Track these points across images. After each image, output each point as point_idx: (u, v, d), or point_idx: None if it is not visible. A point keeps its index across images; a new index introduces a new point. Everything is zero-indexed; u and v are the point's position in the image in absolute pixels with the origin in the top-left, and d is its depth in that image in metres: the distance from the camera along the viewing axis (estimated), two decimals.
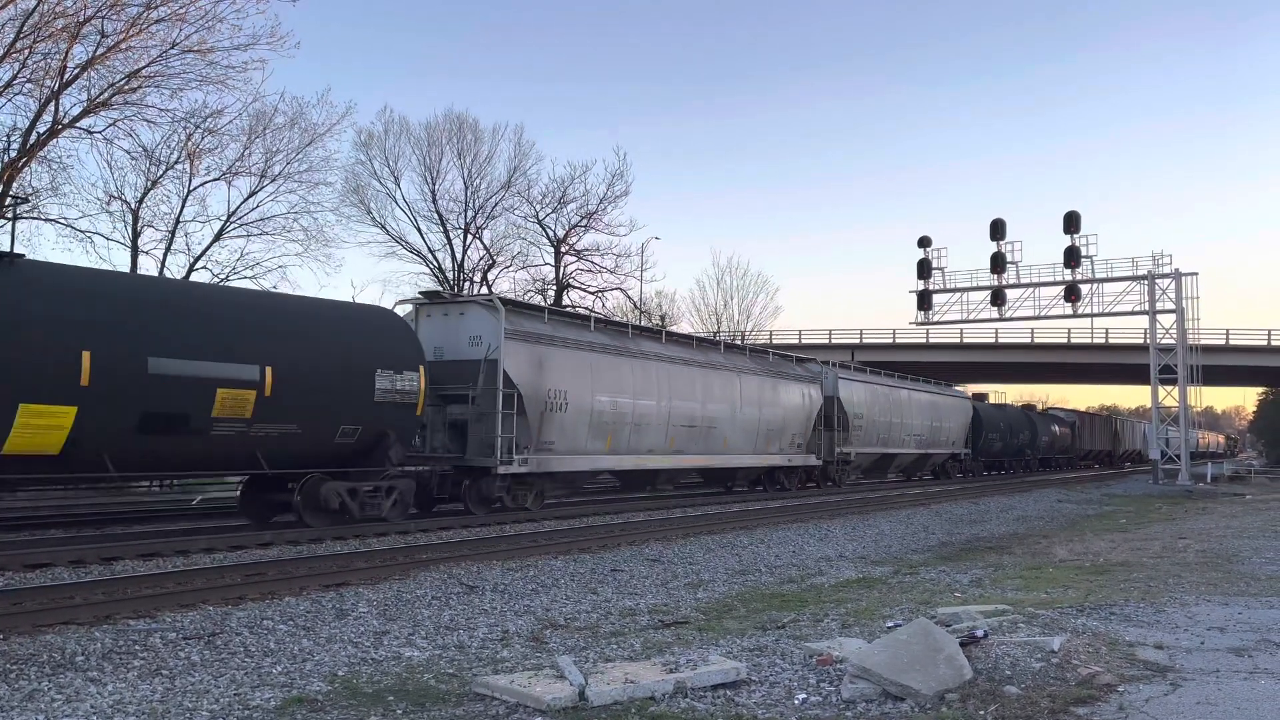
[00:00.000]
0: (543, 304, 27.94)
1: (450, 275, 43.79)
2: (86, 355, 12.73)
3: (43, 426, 12.44)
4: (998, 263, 45.41)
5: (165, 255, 32.30)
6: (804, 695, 6.30)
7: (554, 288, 45.04)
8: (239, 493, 17.76)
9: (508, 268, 45.20)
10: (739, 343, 30.58)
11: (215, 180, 33.40)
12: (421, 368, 17.27)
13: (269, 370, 14.72)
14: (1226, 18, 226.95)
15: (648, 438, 23.25)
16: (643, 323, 45.37)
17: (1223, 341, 61.88)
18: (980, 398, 52.47)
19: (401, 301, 21.28)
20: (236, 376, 14.33)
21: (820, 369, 32.75)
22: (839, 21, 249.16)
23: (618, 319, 28.76)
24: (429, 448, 19.35)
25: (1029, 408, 61.58)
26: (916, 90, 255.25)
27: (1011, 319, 48.27)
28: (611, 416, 22.08)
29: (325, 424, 15.78)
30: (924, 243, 47.23)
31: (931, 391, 43.17)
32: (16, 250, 14.21)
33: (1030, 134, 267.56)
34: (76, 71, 26.42)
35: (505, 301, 20.44)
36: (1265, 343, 64.13)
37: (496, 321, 19.30)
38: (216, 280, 32.54)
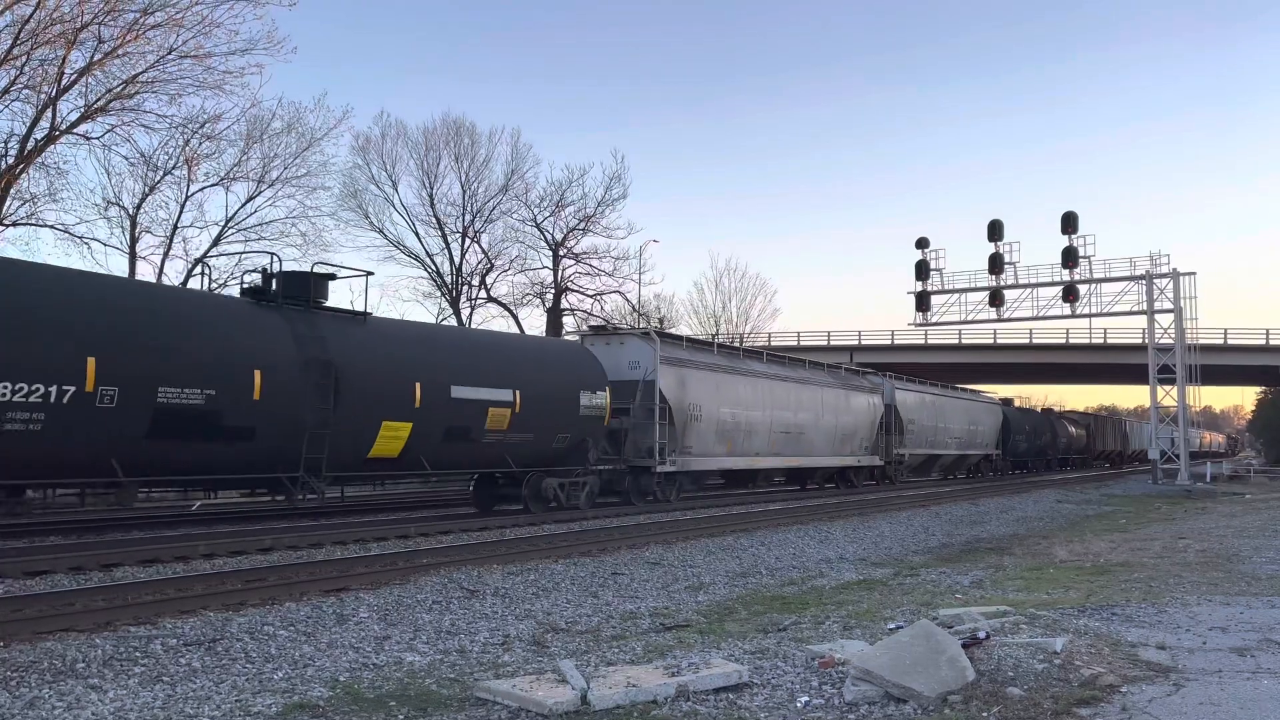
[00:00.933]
0: (681, 334, 32.32)
1: (448, 279, 43.78)
2: (418, 385, 17.63)
3: (392, 437, 17.34)
4: (996, 263, 45.42)
5: (163, 261, 32.31)
6: (806, 698, 6.29)
7: (552, 291, 45.02)
8: (472, 488, 22.35)
9: (506, 271, 45.24)
10: (819, 361, 34.90)
11: (213, 186, 33.41)
12: (607, 388, 22.16)
13: (518, 394, 19.62)
14: (1225, 18, 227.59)
15: (755, 442, 27.89)
16: (641, 325, 45.43)
17: (1221, 341, 61.91)
18: (1007, 402, 56.17)
19: (569, 333, 27.91)
20: (500, 399, 19.30)
21: (881, 380, 37.31)
22: (836, 23, 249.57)
23: (731, 343, 33.71)
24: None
25: (1048, 411, 66.98)
26: (914, 91, 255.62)
27: (1010, 320, 48.30)
28: (731, 425, 26.75)
29: (549, 433, 20.73)
30: (922, 244, 47.24)
31: (969, 398, 47.93)
32: (14, 256, 14.25)
33: (1028, 134, 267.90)
34: (74, 77, 26.44)
35: (657, 333, 25.49)
36: (1263, 342, 64.17)
37: (652, 350, 23.88)
38: (215, 285, 32.50)
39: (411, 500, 26.06)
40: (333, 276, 17.96)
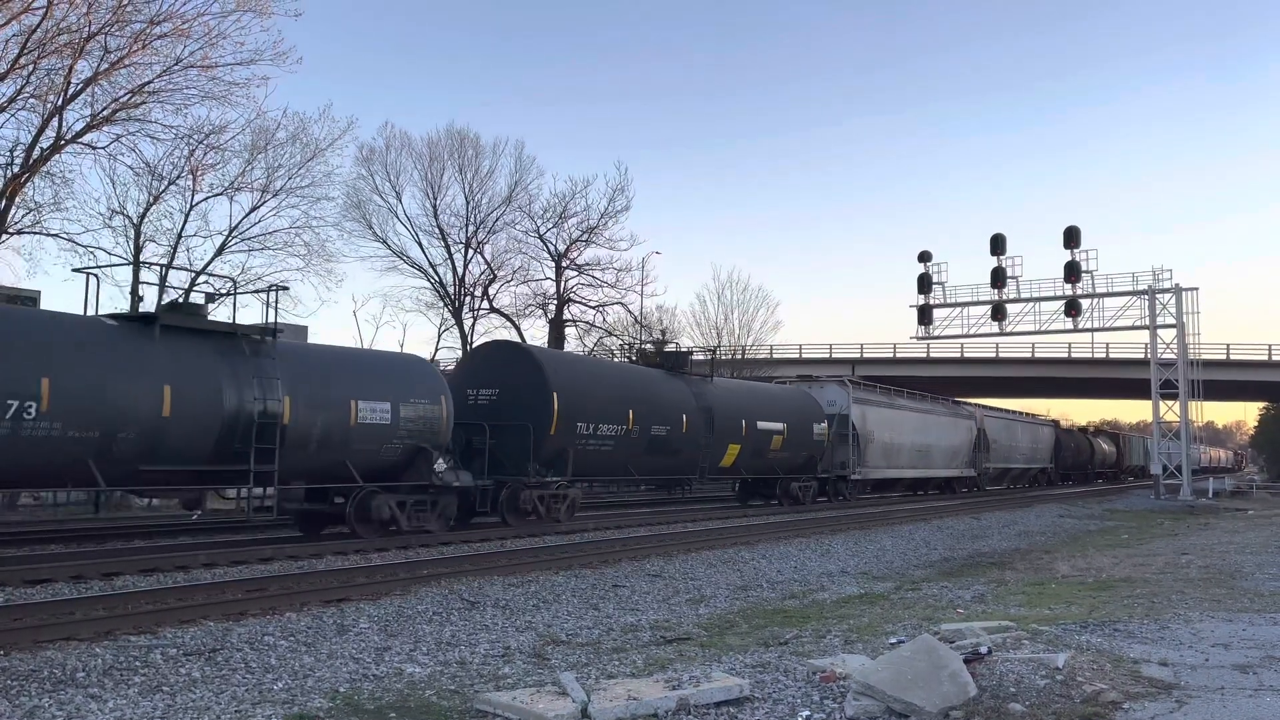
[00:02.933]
0: (858, 381, 39.45)
1: (451, 290, 43.80)
2: (744, 421, 27.67)
3: (732, 453, 27.32)
4: (998, 277, 45.41)
5: (166, 271, 32.28)
6: (807, 712, 6.28)
7: (555, 302, 45.04)
8: (737, 489, 31.82)
9: (509, 282, 45.21)
10: (936, 395, 44.28)
11: (217, 195, 33.45)
12: (828, 420, 32.06)
13: (786, 425, 29.42)
14: (1229, 34, 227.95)
15: (902, 458, 37.66)
16: (645, 337, 45.44)
17: (1223, 356, 61.86)
18: (1054, 424, 63.45)
19: (779, 378, 36.97)
20: (778, 429, 29.06)
21: (973, 409, 47.03)
22: (839, 39, 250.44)
23: (886, 387, 40.39)
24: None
25: (1084, 430, 75.53)
26: (916, 105, 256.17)
27: (1012, 333, 48.27)
28: (890, 446, 36.49)
29: (798, 451, 30.55)
30: (924, 257, 47.25)
31: (1032, 422, 57.65)
32: (18, 263, 14.34)
33: (1030, 149, 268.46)
34: (80, 87, 26.50)
35: (850, 381, 36.21)
36: (1266, 358, 64.13)
37: (846, 393, 34.21)
38: (219, 294, 32.54)
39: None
40: (689, 354, 31.21)
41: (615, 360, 36.71)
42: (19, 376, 12.53)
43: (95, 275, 15.14)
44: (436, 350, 43.65)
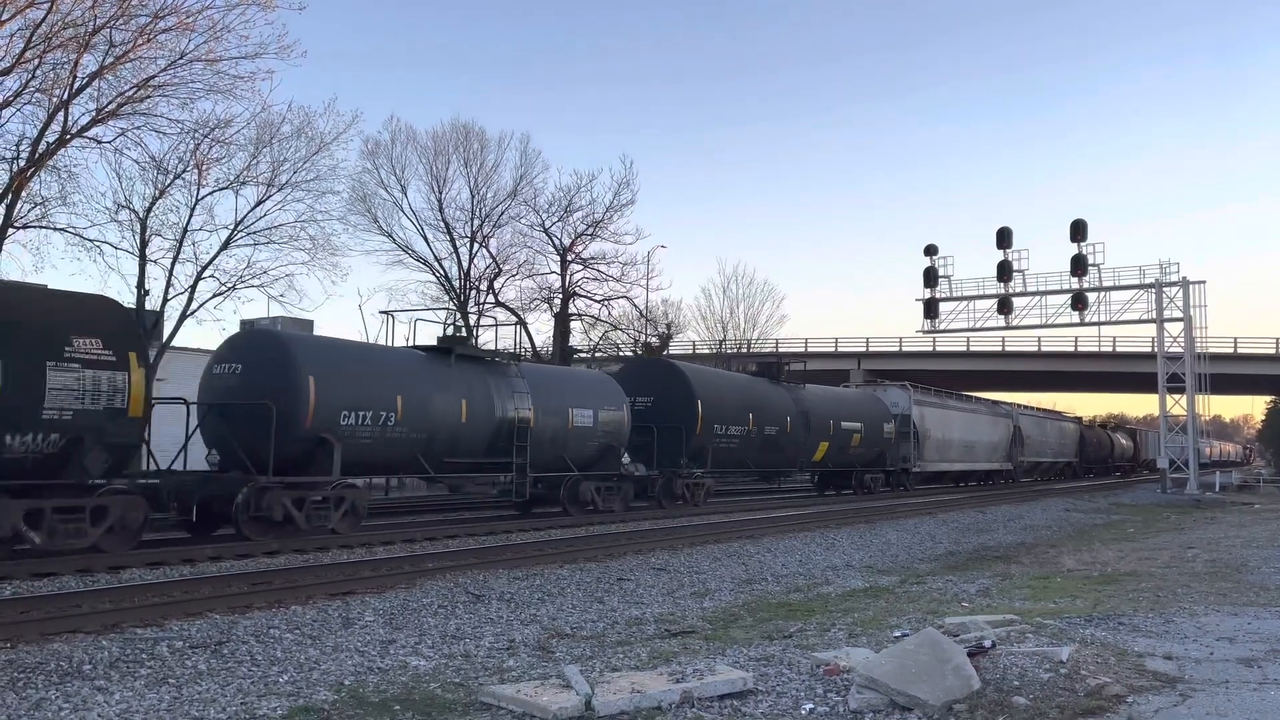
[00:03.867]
0: (917, 385, 42.96)
1: (456, 284, 43.80)
2: (831, 421, 33.10)
3: (822, 449, 32.67)
4: (1004, 271, 45.29)
5: (173, 264, 32.32)
6: (811, 705, 6.28)
7: (560, 296, 45.02)
8: (816, 480, 37.21)
9: (514, 276, 45.20)
10: (979, 394, 50.12)
11: (223, 189, 33.43)
12: (895, 419, 37.46)
13: (863, 425, 34.79)
14: (1235, 24, 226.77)
15: (952, 453, 42.88)
16: (650, 332, 45.42)
17: (1231, 350, 61.69)
18: (1079, 420, 69.47)
19: (846, 384, 42.26)
20: (857, 428, 34.47)
21: (1009, 408, 52.37)
22: (846, 30, 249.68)
23: (939, 390, 45.12)
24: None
25: (1104, 425, 78.70)
26: (923, 99, 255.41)
27: (1018, 327, 48.13)
28: (943, 442, 41.66)
29: (874, 447, 36.03)
30: (930, 251, 47.13)
31: (1059, 419, 64.10)
32: (23, 258, 14.38)
33: (1037, 142, 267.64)
34: (85, 81, 26.49)
35: (911, 384, 40.59)
36: (1274, 351, 63.92)
37: (908, 395, 39.18)
38: (224, 287, 32.61)
39: (422, 504, 26.11)
40: (786, 363, 35.59)
41: (731, 370, 40.71)
42: (385, 395, 18.06)
43: (390, 315, 21.44)
44: None
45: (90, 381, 13.27)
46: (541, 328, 45.82)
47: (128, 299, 29.10)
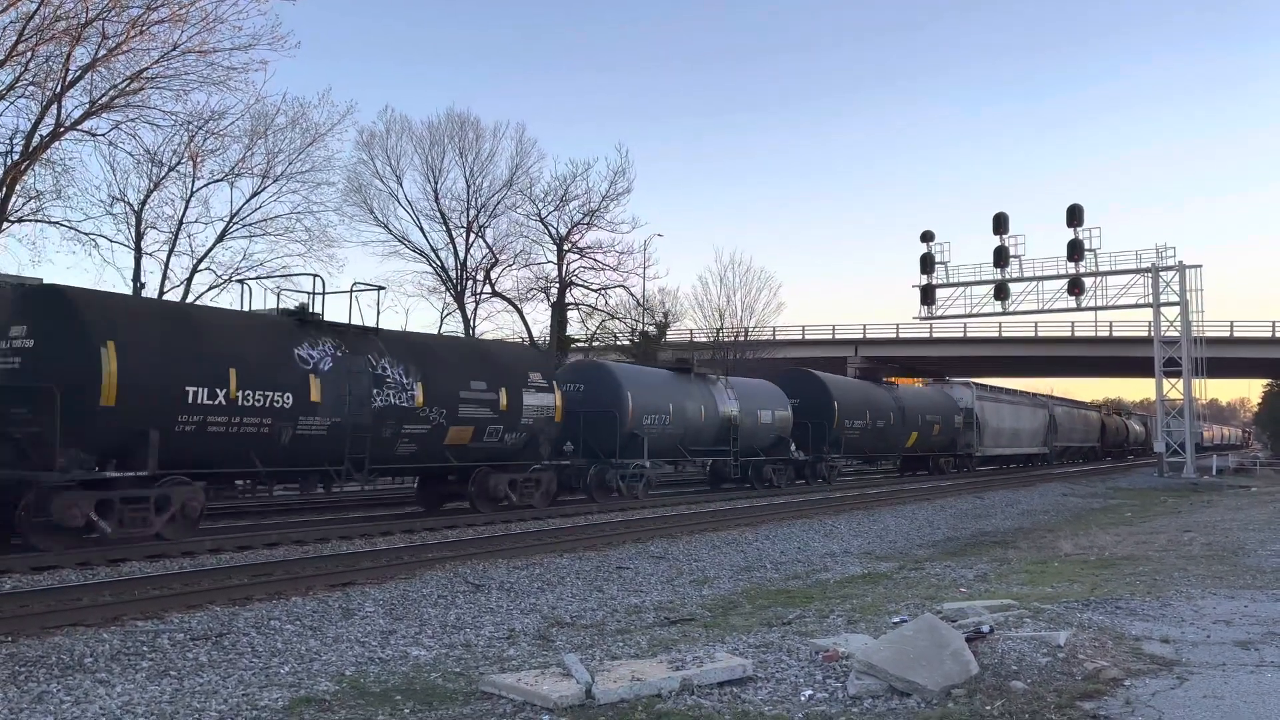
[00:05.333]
0: (971, 380, 49.64)
1: (453, 274, 43.76)
2: (919, 415, 39.50)
3: (913, 438, 39.19)
4: (1001, 257, 45.22)
5: (169, 257, 32.31)
6: (810, 691, 6.31)
7: (556, 285, 44.97)
8: (899, 464, 43.88)
9: (510, 266, 45.12)
10: (1021, 389, 57.10)
11: (218, 181, 33.40)
12: (962, 411, 43.18)
13: (941, 418, 41.17)
14: (1235, 11, 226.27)
15: (1002, 440, 48.51)
16: (647, 321, 45.39)
17: (1227, 334, 61.69)
18: (1099, 408, 77.62)
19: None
20: (936, 420, 40.50)
21: (1045, 399, 59.54)
22: (840, 16, 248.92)
23: (994, 386, 51.62)
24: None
25: (1119, 413, 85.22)
26: (919, 84, 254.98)
27: (1015, 313, 48.01)
28: (998, 430, 47.44)
29: (947, 435, 41.81)
30: (927, 237, 47.04)
31: (1085, 409, 71.11)
32: (20, 252, 14.30)
33: (1033, 127, 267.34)
34: (79, 74, 26.43)
35: (974, 383, 46.77)
36: (1270, 335, 63.97)
37: (971, 392, 45.17)
38: (220, 279, 32.58)
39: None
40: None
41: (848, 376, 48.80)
42: (662, 403, 25.55)
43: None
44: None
45: (539, 400, 20.97)
46: (539, 318, 45.83)
47: (123, 292, 29.05)
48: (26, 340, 13.91)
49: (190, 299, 31.60)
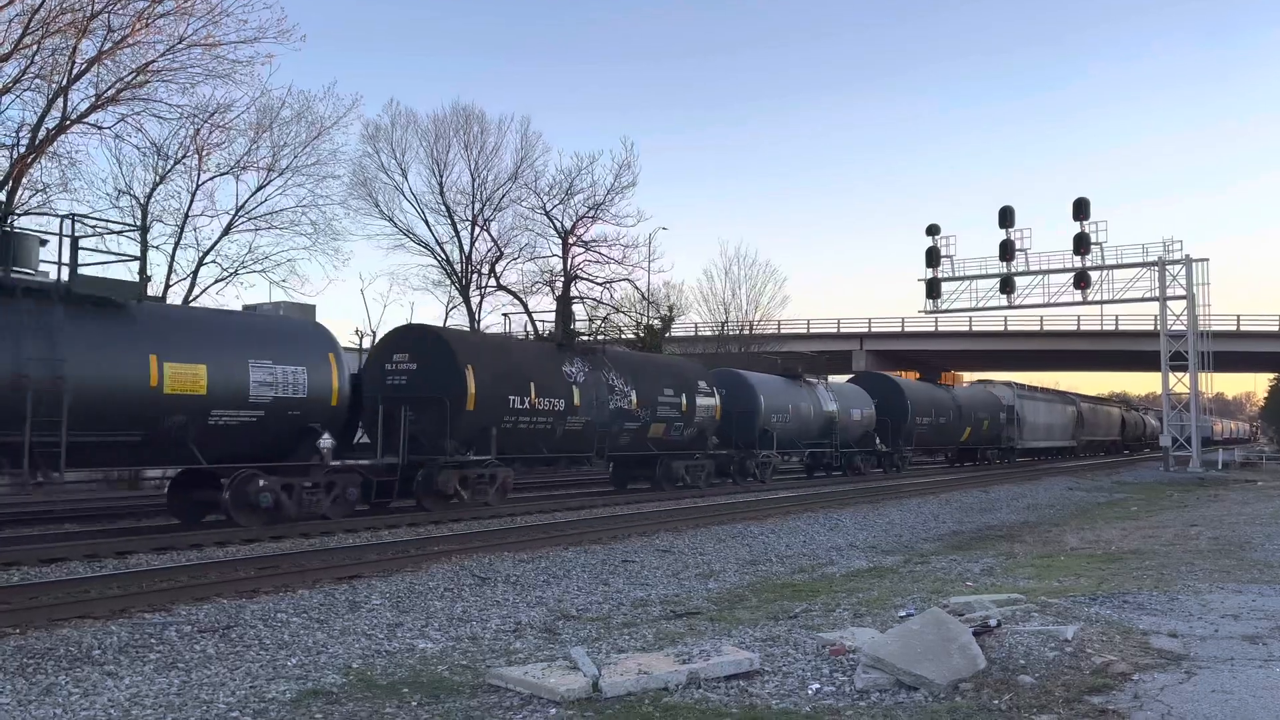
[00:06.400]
0: (1012, 381, 53.55)
1: (458, 267, 43.72)
2: (973, 413, 44.20)
3: (967, 433, 43.90)
4: (1007, 250, 45.13)
5: (174, 250, 32.30)
6: (817, 685, 6.31)
7: (561, 279, 44.92)
8: (951, 456, 47.35)
9: (515, 259, 45.04)
10: (1051, 387, 62.71)
11: (223, 175, 33.36)
12: (1005, 409, 47.49)
13: (989, 415, 46.17)
14: (1238, 3, 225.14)
15: (1039, 435, 52.62)
16: (652, 314, 45.34)
17: (1234, 328, 61.54)
18: (1120, 404, 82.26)
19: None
20: (985, 417, 45.72)
21: (1074, 397, 64.73)
22: (847, 7, 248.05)
23: (1030, 386, 56.14)
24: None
25: (1136, 408, 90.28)
26: (924, 77, 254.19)
27: (1021, 306, 48.02)
28: (1034, 426, 51.54)
29: (995, 430, 46.55)
30: (932, 230, 46.96)
31: (1108, 405, 75.65)
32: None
33: (1039, 120, 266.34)
34: (85, 66, 26.39)
35: (1014, 384, 51.16)
36: (1276, 329, 63.75)
37: (1012, 391, 49.36)
38: (226, 273, 32.60)
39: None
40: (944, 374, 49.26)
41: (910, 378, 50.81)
42: (784, 404, 30.61)
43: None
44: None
45: (706, 402, 26.74)
46: (544, 311, 45.79)
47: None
48: (410, 364, 19.59)
49: (196, 292, 31.61)
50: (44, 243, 13.85)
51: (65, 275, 13.64)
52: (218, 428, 14.87)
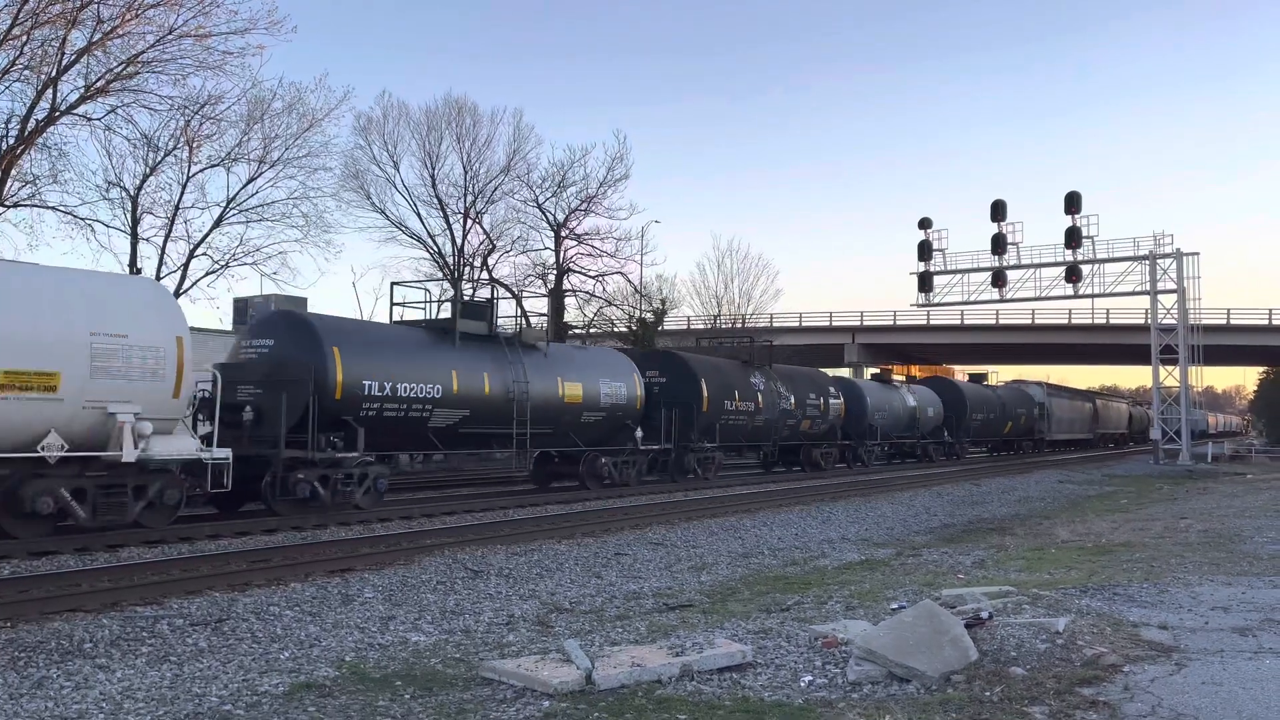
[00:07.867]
0: (1041, 381, 61.00)
1: (450, 260, 43.65)
2: (1014, 409, 50.91)
3: (1008, 427, 50.38)
4: (998, 244, 45.21)
5: (165, 242, 32.16)
6: (810, 677, 6.32)
7: (554, 272, 44.89)
8: (989, 448, 52.69)
9: (508, 252, 45.00)
10: (1071, 385, 73.04)
11: (214, 167, 33.23)
12: (1037, 405, 54.15)
13: (1025, 410, 52.58)
14: None
15: (1063, 428, 58.75)
16: (645, 307, 45.36)
17: (1224, 321, 61.72)
18: (1129, 400, 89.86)
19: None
20: (1023, 413, 52.52)
21: (1092, 394, 74.54)
22: (839, 1, 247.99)
23: (1058, 384, 64.46)
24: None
25: (1141, 404, 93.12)
26: (915, 70, 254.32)
27: (1012, 300, 48.12)
28: (1060, 420, 57.69)
29: (1030, 424, 53.18)
30: (924, 224, 47.02)
31: (1120, 402, 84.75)
32: (17, 237, 14.23)
33: (1031, 114, 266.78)
34: (74, 57, 26.27)
35: (1045, 384, 59.23)
36: (1266, 322, 64.02)
37: (1043, 389, 57.03)
38: (217, 265, 32.50)
39: (419, 481, 26.15)
40: (985, 375, 56.07)
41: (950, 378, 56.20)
42: (883, 403, 37.08)
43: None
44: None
45: (836, 402, 33.57)
46: (538, 304, 45.75)
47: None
48: (661, 378, 26.25)
49: (187, 285, 31.51)
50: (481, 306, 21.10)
51: (515, 328, 22.13)
52: (585, 423, 22.27)
